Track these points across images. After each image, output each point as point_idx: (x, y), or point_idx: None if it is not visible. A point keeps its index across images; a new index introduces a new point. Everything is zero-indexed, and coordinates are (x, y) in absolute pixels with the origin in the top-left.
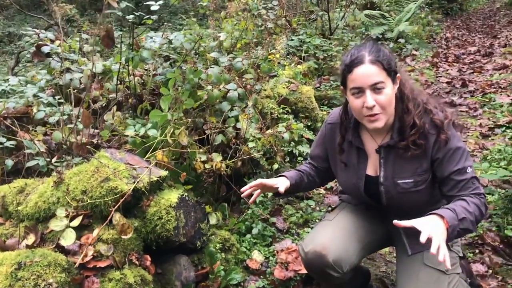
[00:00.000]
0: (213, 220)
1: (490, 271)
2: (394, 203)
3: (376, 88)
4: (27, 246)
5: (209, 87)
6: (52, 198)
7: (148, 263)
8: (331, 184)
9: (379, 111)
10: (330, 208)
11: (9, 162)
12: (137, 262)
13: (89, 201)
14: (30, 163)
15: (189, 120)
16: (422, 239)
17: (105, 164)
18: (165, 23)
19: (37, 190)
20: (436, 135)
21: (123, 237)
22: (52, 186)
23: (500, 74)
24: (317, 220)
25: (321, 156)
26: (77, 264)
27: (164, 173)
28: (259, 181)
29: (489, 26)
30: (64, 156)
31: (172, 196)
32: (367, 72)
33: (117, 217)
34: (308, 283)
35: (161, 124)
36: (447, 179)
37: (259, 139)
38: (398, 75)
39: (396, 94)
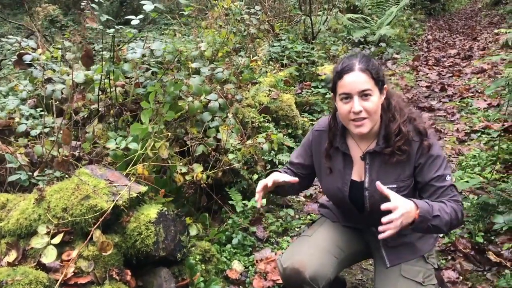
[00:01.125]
0: (193, 231)
1: (461, 277)
2: (376, 209)
3: (363, 94)
4: (9, 264)
5: (190, 98)
6: (34, 215)
7: (128, 277)
8: (310, 191)
9: (365, 115)
10: (309, 220)
11: None
12: (117, 277)
13: (69, 218)
14: (12, 178)
15: (169, 133)
16: (384, 219)
17: (85, 182)
18: (149, 24)
19: (18, 206)
20: (419, 142)
21: (103, 254)
22: (33, 203)
23: (477, 78)
24: (296, 229)
25: (303, 163)
26: (58, 282)
27: (143, 188)
28: (262, 184)
29: (470, 27)
30: (46, 169)
31: (151, 211)
32: (356, 79)
33: (97, 235)
34: None
35: (142, 137)
36: (427, 185)
37: (239, 149)
38: (385, 86)
39: (383, 103)
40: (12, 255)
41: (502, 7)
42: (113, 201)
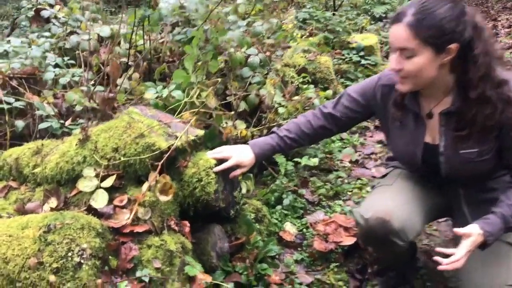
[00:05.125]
0: (244, 188)
1: None
2: (454, 174)
3: (404, 53)
4: (52, 210)
5: (231, 49)
6: (77, 158)
7: (187, 229)
8: (356, 157)
9: (404, 75)
10: (360, 185)
11: (20, 123)
12: (176, 228)
13: (122, 159)
14: (43, 125)
15: (218, 80)
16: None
17: (138, 120)
18: None
19: (57, 150)
20: (502, 108)
21: (163, 198)
22: (76, 145)
23: (510, 53)
24: (348, 193)
25: (355, 107)
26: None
27: (200, 132)
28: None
29: (483, 12)
30: (78, 119)
31: (208, 158)
32: (398, 34)
33: (154, 176)
34: (349, 256)
35: (184, 86)
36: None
37: (285, 106)
38: (454, 45)
39: (455, 64)
40: (52, 203)
41: None
42: (171, 141)
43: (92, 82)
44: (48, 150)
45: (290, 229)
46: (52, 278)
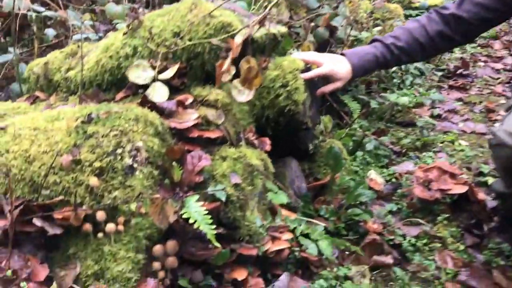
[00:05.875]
0: (321, 125)
1: None
2: None
3: None
4: None
5: None
6: (125, 50)
7: (267, 147)
8: (438, 111)
9: None
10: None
11: (50, 32)
12: (255, 142)
13: (187, 43)
14: (77, 37)
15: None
16: None
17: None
18: None
19: (98, 47)
20: None
21: (246, 92)
22: (124, 34)
23: None
24: (439, 144)
25: (489, 4)
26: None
27: (282, 29)
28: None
29: None
30: None
31: (295, 59)
32: None
33: (228, 63)
34: (457, 208)
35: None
36: None
37: (362, 39)
38: None
39: None
40: None
41: None
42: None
43: None
44: (86, 51)
45: (376, 178)
46: (93, 181)
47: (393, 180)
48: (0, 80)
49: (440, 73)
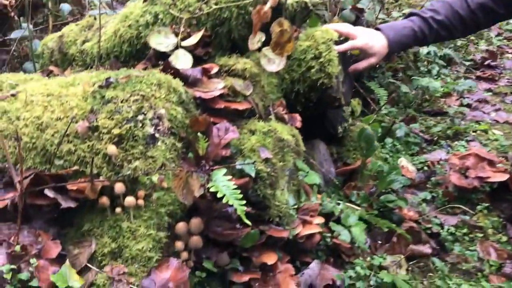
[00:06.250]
0: (349, 108)
1: None
2: None
3: None
4: None
5: None
6: (145, 18)
7: (298, 124)
8: (467, 101)
9: None
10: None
11: (66, 7)
12: (286, 117)
13: (213, 7)
14: (93, 12)
15: None
16: None
17: None
18: None
19: (116, 17)
20: None
21: (277, 61)
22: (144, 1)
23: None
24: (472, 133)
25: None
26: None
27: None
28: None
29: None
30: None
31: (328, 29)
32: None
33: (263, 13)
34: (497, 197)
35: None
36: None
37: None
38: None
39: None
40: None
41: None
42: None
43: None
44: (103, 23)
45: (407, 166)
46: (111, 149)
47: (425, 168)
48: (13, 61)
49: (467, 63)
